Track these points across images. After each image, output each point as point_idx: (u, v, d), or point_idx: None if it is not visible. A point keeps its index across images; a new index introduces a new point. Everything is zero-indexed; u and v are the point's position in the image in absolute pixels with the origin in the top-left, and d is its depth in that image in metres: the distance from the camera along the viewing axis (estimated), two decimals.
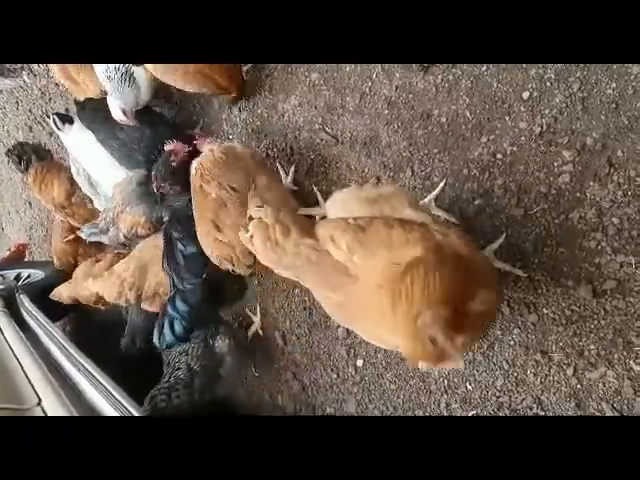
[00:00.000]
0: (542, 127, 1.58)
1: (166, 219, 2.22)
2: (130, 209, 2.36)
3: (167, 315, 1.94)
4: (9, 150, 3.13)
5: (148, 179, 2.34)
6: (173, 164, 2.01)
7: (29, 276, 3.62)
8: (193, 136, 2.16)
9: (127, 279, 2.27)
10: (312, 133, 2.24)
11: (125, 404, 2.02)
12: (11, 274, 3.69)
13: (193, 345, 2.23)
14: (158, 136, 2.33)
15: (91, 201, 2.86)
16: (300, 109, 2.28)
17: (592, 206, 1.49)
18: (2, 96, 5.37)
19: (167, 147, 2.06)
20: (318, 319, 2.26)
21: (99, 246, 3.11)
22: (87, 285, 2.49)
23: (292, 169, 2.23)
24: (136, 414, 1.93)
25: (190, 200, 2.00)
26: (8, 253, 4.43)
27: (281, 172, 2.28)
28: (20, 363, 2.43)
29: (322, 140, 2.20)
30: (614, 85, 1.45)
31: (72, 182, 2.91)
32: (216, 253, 1.86)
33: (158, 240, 2.23)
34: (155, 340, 1.94)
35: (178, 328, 1.91)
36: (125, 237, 2.41)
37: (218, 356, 2.26)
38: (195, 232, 1.96)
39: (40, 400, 2.07)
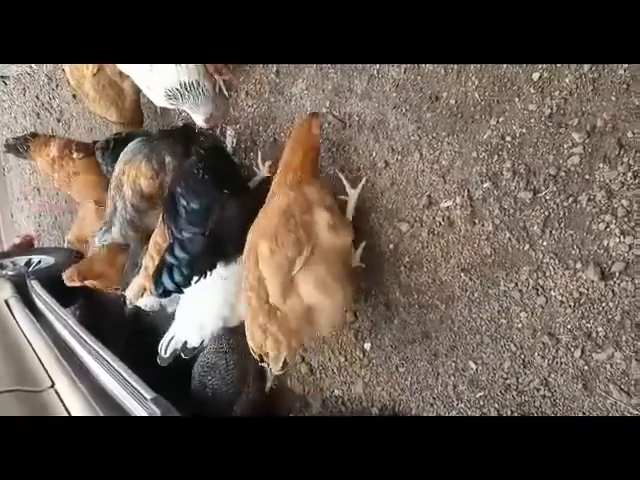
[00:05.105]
0: (552, 109, 1.57)
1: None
2: (131, 163, 2.36)
3: (165, 263, 1.93)
4: (6, 147, 3.18)
5: (146, 135, 2.47)
6: None
7: (40, 262, 3.66)
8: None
9: None
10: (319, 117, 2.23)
11: (138, 388, 2.05)
12: (22, 260, 3.73)
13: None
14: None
15: None
16: (307, 92, 2.27)
17: (601, 188, 1.48)
18: (9, 83, 5.37)
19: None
20: None
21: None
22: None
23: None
24: (149, 397, 1.96)
25: (198, 160, 2.14)
26: (18, 240, 4.48)
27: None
28: (32, 346, 2.46)
29: (329, 124, 2.19)
30: (625, 65, 1.43)
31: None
32: None
33: None
34: (152, 288, 1.94)
35: (177, 276, 1.90)
36: (132, 206, 2.37)
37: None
38: (199, 190, 2.05)
39: (53, 383, 2.10)
